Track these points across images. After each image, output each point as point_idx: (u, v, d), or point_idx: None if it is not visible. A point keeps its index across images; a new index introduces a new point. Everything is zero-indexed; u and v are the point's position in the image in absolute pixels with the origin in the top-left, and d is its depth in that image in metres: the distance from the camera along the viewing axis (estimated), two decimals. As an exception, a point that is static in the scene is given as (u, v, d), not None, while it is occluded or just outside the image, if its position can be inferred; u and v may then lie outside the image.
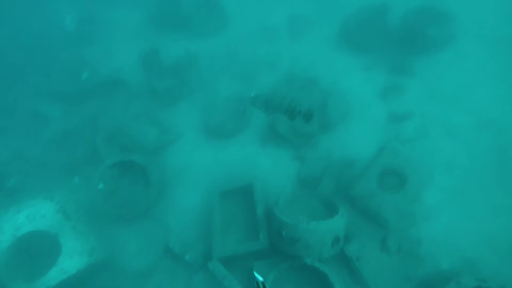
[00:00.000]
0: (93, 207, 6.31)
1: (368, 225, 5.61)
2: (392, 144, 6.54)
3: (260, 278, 2.96)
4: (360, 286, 5.33)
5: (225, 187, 6.47)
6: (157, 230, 6.61)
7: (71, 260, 5.71)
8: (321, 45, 9.64)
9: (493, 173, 5.80)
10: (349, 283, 5.38)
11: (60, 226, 5.83)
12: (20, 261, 5.93)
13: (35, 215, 5.87)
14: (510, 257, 4.92)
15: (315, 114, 5.23)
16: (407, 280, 5.23)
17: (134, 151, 7.41)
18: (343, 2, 10.23)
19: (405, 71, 7.98)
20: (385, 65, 8.40)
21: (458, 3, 8.63)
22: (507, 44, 7.84)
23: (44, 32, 10.57)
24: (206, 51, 9.54)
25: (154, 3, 10.49)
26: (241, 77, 8.98)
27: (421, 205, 5.69)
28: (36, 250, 6.08)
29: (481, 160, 5.99)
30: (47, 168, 7.08)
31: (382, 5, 8.81)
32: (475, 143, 6.24)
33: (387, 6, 8.73)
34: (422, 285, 5.03)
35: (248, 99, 5.07)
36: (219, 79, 8.87)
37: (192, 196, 6.89)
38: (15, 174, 6.90)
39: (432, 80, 7.55)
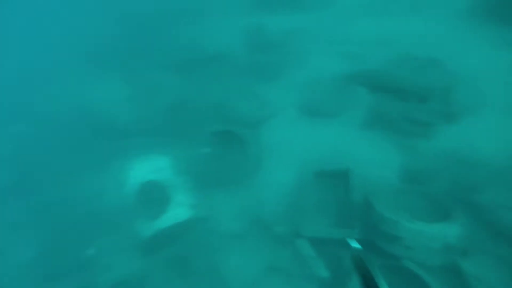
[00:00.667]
0: (199, 167, 6.99)
1: (496, 241, 4.63)
2: (541, 146, 5.14)
3: (357, 245, 2.58)
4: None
5: (320, 168, 6.26)
6: (250, 199, 6.92)
7: (178, 210, 6.55)
8: (450, 18, 8.10)
9: None
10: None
11: (173, 179, 6.74)
12: (142, 203, 7.07)
13: (155, 167, 6.93)
14: None
15: (433, 97, 4.40)
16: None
17: (237, 121, 7.81)
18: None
19: None
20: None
21: None
22: None
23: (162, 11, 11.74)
24: (311, 26, 9.12)
25: None
26: (347, 55, 8.32)
27: None
28: (154, 197, 7.15)
29: None
30: (166, 130, 8.11)
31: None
32: None
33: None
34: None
35: (348, 77, 4.58)
36: (323, 56, 8.41)
37: (287, 172, 6.91)
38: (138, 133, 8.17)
39: None
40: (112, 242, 6.75)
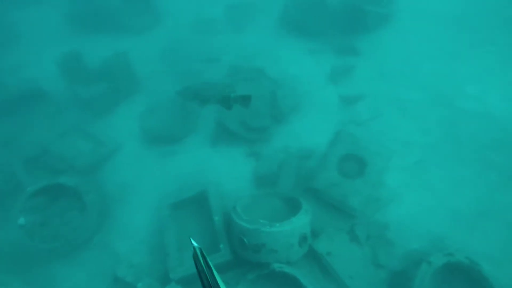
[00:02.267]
0: (15, 247, 5.26)
1: (334, 216, 5.31)
2: (347, 128, 6.32)
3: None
4: (333, 281, 5.03)
5: (175, 198, 5.80)
6: (103, 259, 5.73)
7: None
8: (264, 33, 9.27)
9: (448, 146, 5.82)
10: (322, 280, 5.05)
11: None
12: None
13: None
14: (474, 228, 4.92)
15: (262, 103, 4.78)
16: (380, 267, 5.02)
17: (65, 172, 6.41)
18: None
19: (351, 51, 7.88)
20: (331, 47, 8.23)
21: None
22: (443, 19, 8.06)
23: None
24: (138, 50, 8.65)
25: None
26: (180, 75, 8.26)
27: (384, 188, 5.52)
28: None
29: (434, 135, 6.00)
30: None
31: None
32: (427, 118, 6.25)
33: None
34: (395, 271, 4.85)
35: (176, 93, 4.48)
36: (156, 79, 8.06)
37: (140, 214, 6.09)
38: None
39: (379, 59, 7.53)
40: None
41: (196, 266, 1.98)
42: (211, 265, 1.95)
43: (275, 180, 5.99)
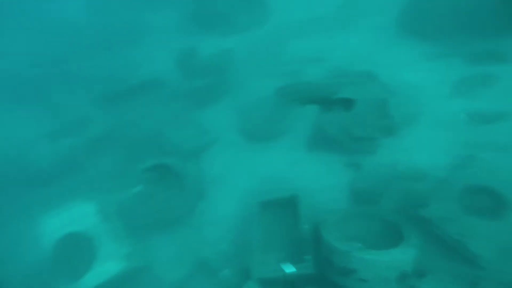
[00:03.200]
0: (130, 210, 6.07)
1: (448, 258, 4.39)
2: (481, 152, 5.17)
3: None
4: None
5: (265, 197, 5.75)
6: (192, 239, 6.14)
7: (107, 264, 5.53)
8: (378, 33, 8.42)
9: None
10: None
11: (99, 227, 5.72)
12: (61, 261, 5.91)
13: (76, 216, 5.84)
14: None
15: (370, 111, 4.23)
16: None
17: (172, 153, 7.08)
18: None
19: (492, 57, 6.42)
20: (461, 52, 6.90)
21: None
22: None
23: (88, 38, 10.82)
24: (244, 47, 8.91)
25: (191, 2, 10.15)
26: (283, 73, 8.15)
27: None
28: (76, 252, 6.03)
29: None
30: (90, 169, 7.07)
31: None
32: None
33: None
34: None
35: (276, 92, 4.28)
36: (259, 76, 8.16)
37: (230, 204, 6.30)
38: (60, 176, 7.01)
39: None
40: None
41: None
42: None
43: (376, 198, 5.35)
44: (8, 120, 9.51)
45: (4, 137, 8.97)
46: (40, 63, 10.46)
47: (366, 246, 4.15)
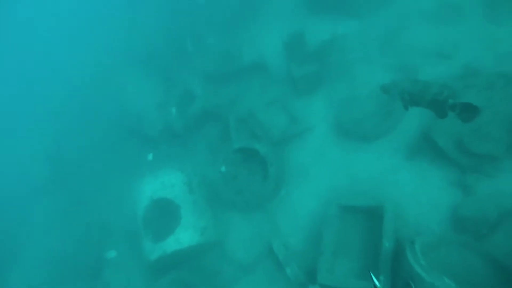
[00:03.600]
0: (214, 187, 6.55)
1: None
2: None
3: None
4: None
5: (348, 201, 5.39)
6: (266, 226, 6.28)
7: (185, 233, 6.12)
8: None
9: None
10: None
11: (184, 198, 6.35)
12: (151, 221, 6.76)
13: (167, 183, 6.60)
14: None
15: (499, 123, 3.32)
16: None
17: (261, 138, 7.26)
18: None
19: None
20: None
21: None
22: None
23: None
24: (358, 34, 8.22)
25: None
26: (398, 67, 7.25)
27: None
28: (163, 215, 6.82)
29: None
30: (188, 142, 7.86)
31: None
32: None
33: None
34: None
35: (381, 87, 3.73)
36: (369, 68, 7.46)
37: (309, 200, 6.15)
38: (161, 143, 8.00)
39: None
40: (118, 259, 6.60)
41: None
42: None
43: (484, 231, 4.40)
44: (134, 87, 11.26)
45: (130, 100, 10.72)
46: (165, 39, 11.87)
47: (458, 285, 3.48)
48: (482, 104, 5.47)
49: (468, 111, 3.32)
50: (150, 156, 7.43)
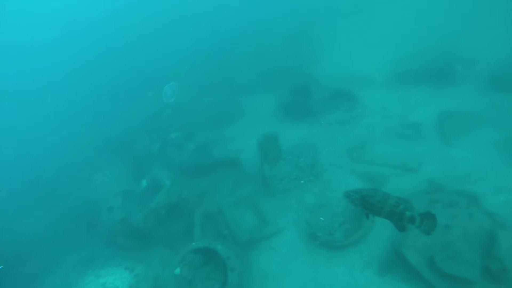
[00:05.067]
0: (165, 291, 5.70)
1: None
2: None
3: None
4: None
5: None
6: None
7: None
8: (487, 151, 7.29)
9: None
10: None
11: None
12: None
13: (110, 285, 5.69)
14: None
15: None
16: None
17: (226, 238, 6.79)
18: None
19: None
20: None
21: None
22: None
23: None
24: (328, 140, 8.80)
25: (288, 93, 10.95)
26: (367, 176, 7.55)
27: None
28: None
29: None
30: (144, 236, 7.20)
31: None
32: None
33: None
34: None
35: (343, 193, 3.73)
36: (341, 174, 7.71)
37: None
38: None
39: None
40: None
41: None
42: None
43: None
44: (102, 174, 10.89)
45: (94, 187, 10.18)
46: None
47: None
48: (449, 221, 5.61)
49: (428, 223, 3.28)
50: (177, 271, 6.43)
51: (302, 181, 7.92)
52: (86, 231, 8.63)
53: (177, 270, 5.77)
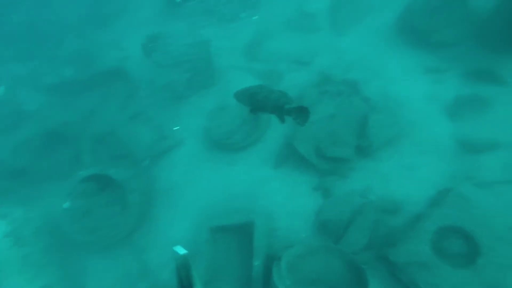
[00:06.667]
0: (56, 230, 5.40)
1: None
2: (461, 187, 4.69)
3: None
4: None
5: (218, 222, 5.19)
6: (133, 266, 5.54)
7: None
8: (372, 39, 7.80)
9: None
10: None
11: (7, 254, 4.94)
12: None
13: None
14: None
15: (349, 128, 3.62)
16: None
17: (123, 158, 6.46)
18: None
19: (491, 77, 5.92)
20: (460, 68, 6.38)
21: None
22: None
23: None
24: (222, 40, 8.25)
25: None
26: (263, 74, 7.57)
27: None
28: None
29: None
30: (16, 176, 6.30)
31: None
32: None
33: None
34: None
35: (234, 95, 3.76)
36: (234, 75, 7.54)
37: (179, 225, 5.71)
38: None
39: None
40: None
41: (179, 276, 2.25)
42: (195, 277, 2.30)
43: (342, 231, 4.83)
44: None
45: None
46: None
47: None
48: (335, 110, 6.22)
49: (301, 114, 3.50)
50: (66, 205, 5.55)
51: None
52: None
53: (66, 204, 5.39)
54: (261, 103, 3.60)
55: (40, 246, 5.14)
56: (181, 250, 3.03)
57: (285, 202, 5.48)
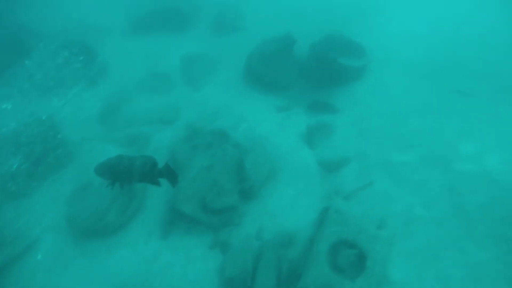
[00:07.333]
0: None
1: None
2: (335, 203, 5.36)
3: None
4: None
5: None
6: None
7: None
8: (227, 88, 8.49)
9: (456, 221, 5.00)
10: None
11: None
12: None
13: None
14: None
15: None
16: None
17: None
18: (243, 37, 9.60)
19: (325, 107, 7.25)
20: (302, 103, 7.59)
21: (362, 30, 8.67)
22: (418, 68, 7.89)
23: None
24: (70, 109, 7.43)
25: None
26: (127, 141, 7.07)
27: (391, 286, 4.44)
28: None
29: (438, 207, 5.19)
30: None
31: (287, 36, 8.23)
32: (425, 186, 5.48)
33: (292, 37, 8.17)
34: None
35: (94, 171, 3.40)
36: (91, 147, 6.81)
37: None
38: None
39: (358, 115, 6.93)
40: None
41: None
42: None
43: (250, 282, 4.69)
44: None
45: None
46: None
47: None
48: (210, 161, 6.28)
49: (170, 173, 3.38)
50: None
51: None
52: None
53: None
54: (125, 174, 3.30)
55: None
56: None
57: (182, 273, 5.00)
